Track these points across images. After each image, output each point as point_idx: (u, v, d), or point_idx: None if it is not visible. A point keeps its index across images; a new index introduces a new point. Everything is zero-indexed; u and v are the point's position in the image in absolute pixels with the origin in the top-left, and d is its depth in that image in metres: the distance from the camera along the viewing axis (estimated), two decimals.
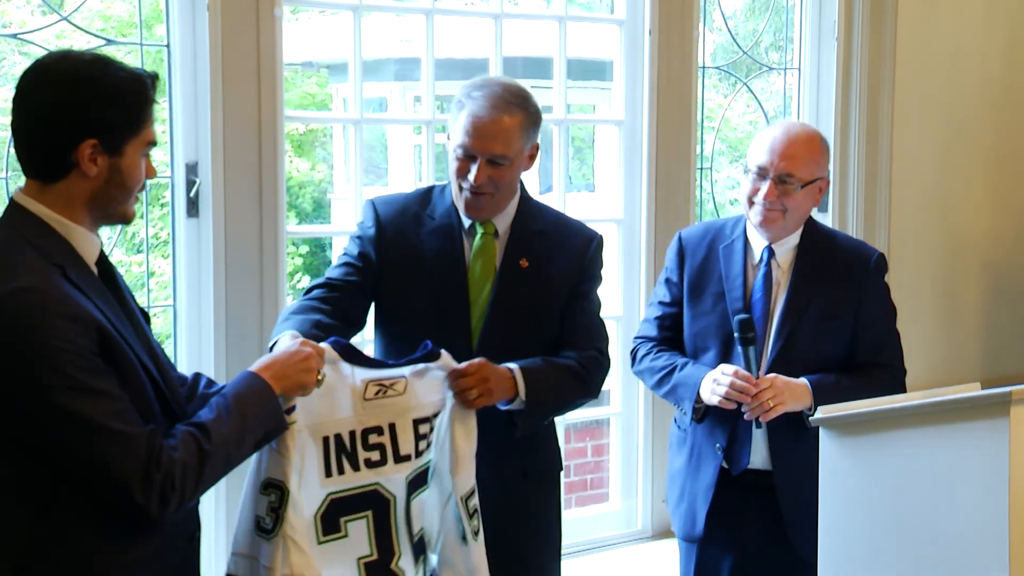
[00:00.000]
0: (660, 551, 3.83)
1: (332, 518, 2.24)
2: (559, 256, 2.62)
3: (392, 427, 2.28)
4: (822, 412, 2.51)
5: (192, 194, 3.06)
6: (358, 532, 2.26)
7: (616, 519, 3.92)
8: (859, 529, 2.41)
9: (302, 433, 2.19)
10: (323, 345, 2.22)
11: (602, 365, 2.66)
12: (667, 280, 2.99)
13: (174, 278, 3.14)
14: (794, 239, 2.88)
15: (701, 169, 4.02)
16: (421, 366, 2.32)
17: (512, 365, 2.46)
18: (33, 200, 1.92)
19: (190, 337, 3.11)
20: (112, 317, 1.95)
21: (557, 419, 2.83)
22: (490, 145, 2.48)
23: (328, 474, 2.23)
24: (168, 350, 3.14)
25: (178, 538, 2.08)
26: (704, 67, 3.97)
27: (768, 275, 2.86)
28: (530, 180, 2.74)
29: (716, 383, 2.73)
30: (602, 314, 2.72)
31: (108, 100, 1.90)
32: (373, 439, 2.27)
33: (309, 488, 2.21)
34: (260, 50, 3.08)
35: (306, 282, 10.02)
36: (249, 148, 3.09)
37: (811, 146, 2.83)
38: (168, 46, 3.05)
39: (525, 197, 2.66)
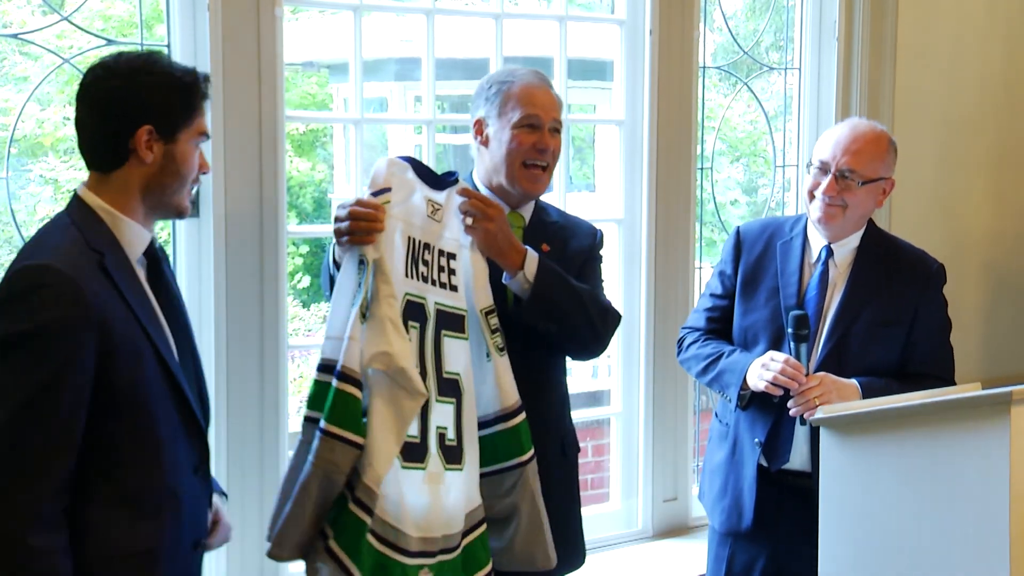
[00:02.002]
0: (661, 551, 3.83)
1: (404, 319, 2.33)
2: (572, 243, 2.74)
3: (435, 250, 2.42)
4: (822, 412, 2.51)
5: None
6: (413, 340, 2.36)
7: (617, 519, 3.92)
8: (859, 529, 2.41)
9: (397, 223, 2.34)
10: (402, 160, 2.40)
11: (611, 310, 2.72)
12: (721, 272, 3.00)
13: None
14: (854, 240, 2.87)
15: (701, 169, 4.02)
16: (450, 189, 2.45)
17: (532, 251, 2.54)
18: (91, 193, 2.04)
19: None
20: (139, 312, 2.01)
21: None
22: (551, 111, 2.63)
23: (407, 274, 2.36)
24: None
25: (182, 544, 2.09)
26: (704, 67, 3.97)
27: (824, 274, 2.85)
28: None
29: (764, 368, 2.73)
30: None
31: (162, 88, 2.03)
32: (426, 255, 2.40)
33: (397, 284, 2.32)
34: (260, 50, 3.08)
35: (307, 282, 10.03)
36: (250, 148, 3.09)
37: (876, 144, 2.82)
38: (168, 46, 3.05)
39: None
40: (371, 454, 2.24)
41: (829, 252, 2.86)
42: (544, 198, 2.84)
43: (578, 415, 4.34)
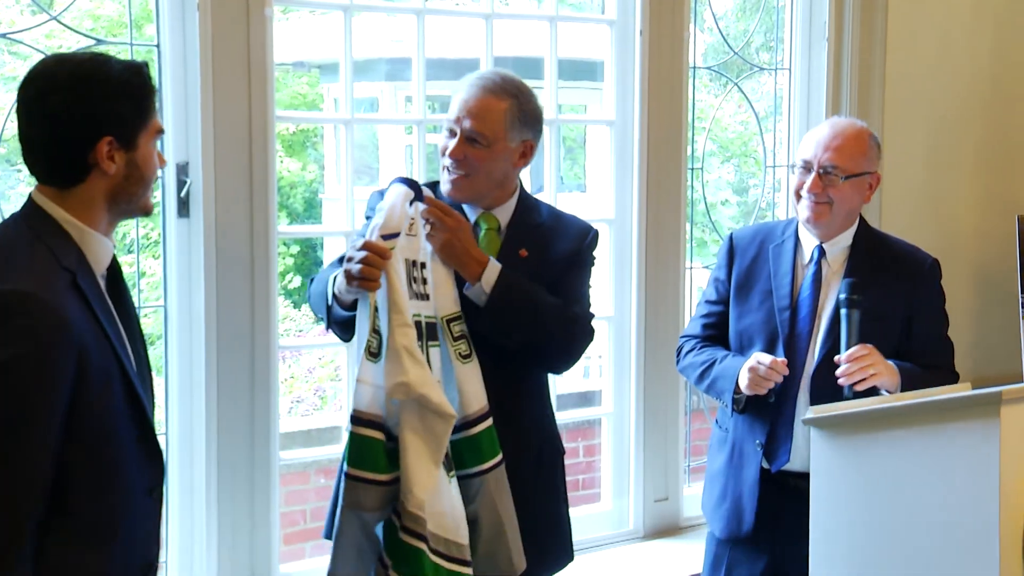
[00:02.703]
0: (652, 551, 3.83)
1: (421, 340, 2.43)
2: (557, 246, 2.68)
3: (414, 263, 2.46)
4: (813, 412, 2.51)
5: (183, 194, 3.05)
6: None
7: (608, 519, 3.92)
8: (850, 528, 2.41)
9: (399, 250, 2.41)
10: (404, 186, 2.45)
11: (582, 325, 2.66)
12: (716, 279, 3.01)
13: (165, 278, 3.12)
14: (846, 239, 2.88)
15: (692, 169, 4.02)
16: (416, 205, 2.47)
17: (495, 262, 2.53)
18: (51, 202, 1.94)
19: (181, 338, 3.09)
20: (109, 331, 1.94)
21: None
22: (473, 122, 2.55)
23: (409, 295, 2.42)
24: (159, 351, 3.14)
25: (130, 569, 2.03)
26: (695, 67, 3.97)
27: (818, 274, 2.85)
28: (521, 179, 2.75)
29: (751, 371, 2.73)
30: (594, 312, 2.74)
31: (115, 96, 1.93)
32: (413, 272, 2.44)
33: (406, 307, 2.38)
34: (250, 50, 3.07)
35: (297, 282, 10.01)
36: (240, 148, 3.08)
37: (856, 139, 2.84)
38: (158, 46, 3.04)
39: (524, 194, 2.72)
40: (410, 481, 2.30)
41: (822, 252, 2.86)
42: (539, 197, 2.84)
43: (569, 415, 4.36)
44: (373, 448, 2.34)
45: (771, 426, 2.82)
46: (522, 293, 2.53)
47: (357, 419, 2.34)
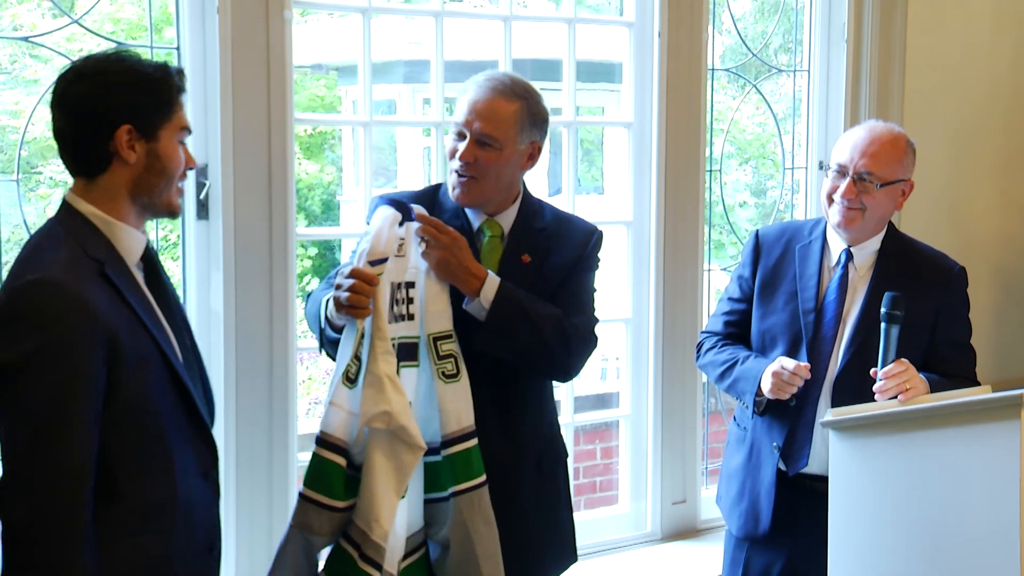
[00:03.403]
0: (669, 553, 3.83)
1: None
2: (560, 250, 2.64)
3: (400, 285, 2.42)
4: (832, 414, 2.51)
5: (202, 196, 3.06)
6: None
7: (625, 521, 3.92)
8: (868, 530, 2.41)
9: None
10: (389, 207, 2.42)
11: (582, 335, 2.60)
12: (739, 276, 2.99)
13: (184, 280, 3.14)
14: (874, 243, 2.85)
15: (710, 171, 4.02)
16: (407, 225, 2.44)
17: (493, 276, 2.49)
18: (80, 199, 2.01)
19: (199, 339, 3.08)
20: (144, 317, 1.99)
21: (563, 419, 2.82)
22: (482, 125, 2.51)
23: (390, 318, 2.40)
24: None
25: (193, 549, 2.09)
26: (713, 69, 3.96)
27: (844, 278, 2.83)
28: (539, 182, 2.75)
29: (775, 375, 2.71)
30: (598, 317, 2.70)
31: (135, 85, 2.00)
32: (397, 294, 2.41)
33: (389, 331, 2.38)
34: (270, 52, 3.08)
35: (315, 284, 10.04)
36: (259, 150, 3.09)
37: (894, 146, 2.80)
38: (178, 49, 3.05)
39: (527, 198, 2.67)
40: (376, 509, 2.27)
41: (849, 256, 2.84)
42: (553, 201, 2.83)
43: (586, 418, 4.35)
44: (333, 473, 2.30)
45: (790, 429, 2.81)
46: (521, 306, 2.48)
47: (323, 441, 2.30)
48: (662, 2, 3.72)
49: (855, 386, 2.69)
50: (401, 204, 2.44)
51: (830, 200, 2.82)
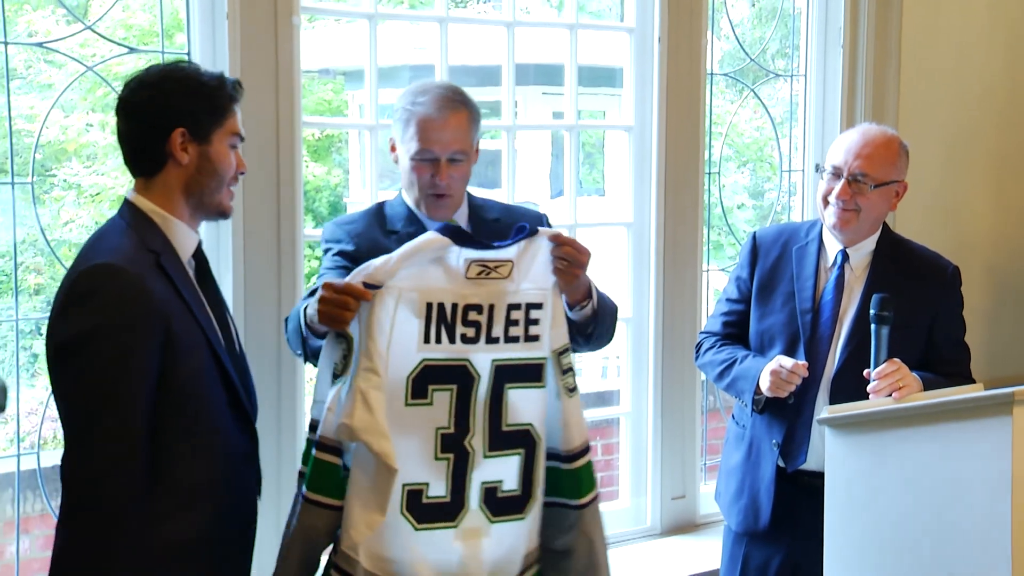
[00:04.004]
0: (669, 547, 3.83)
1: (422, 383, 2.26)
2: None
3: (491, 308, 2.29)
4: (828, 411, 2.51)
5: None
6: (441, 403, 2.28)
7: (626, 516, 3.92)
8: (864, 524, 2.41)
9: (407, 294, 2.23)
10: (431, 231, 2.26)
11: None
12: (737, 277, 3.00)
13: None
14: (870, 244, 2.85)
15: (709, 174, 4.02)
16: (524, 243, 2.31)
17: (585, 275, 2.45)
18: (140, 196, 2.13)
19: None
20: (196, 311, 2.09)
21: None
22: (449, 144, 2.52)
23: (427, 340, 2.25)
24: None
25: (231, 530, 2.17)
26: (712, 74, 3.96)
27: (840, 278, 2.83)
28: (541, 184, 2.75)
29: (774, 374, 2.71)
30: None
31: (191, 91, 2.12)
32: (472, 316, 2.28)
33: (404, 350, 2.24)
34: (278, 58, 3.08)
35: None
36: (267, 153, 3.10)
37: (887, 148, 2.81)
38: (188, 54, 3.06)
39: (469, 194, 2.70)
40: (347, 520, 2.24)
41: (845, 256, 2.84)
42: (555, 203, 2.83)
43: (588, 414, 4.33)
44: (333, 474, 2.26)
45: (789, 427, 2.81)
46: (609, 301, 2.55)
47: (322, 445, 2.25)
48: (662, 8, 3.72)
49: (853, 384, 2.69)
50: (458, 230, 2.31)
51: (825, 202, 2.82)
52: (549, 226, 2.68)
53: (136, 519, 1.95)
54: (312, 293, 2.44)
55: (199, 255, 2.22)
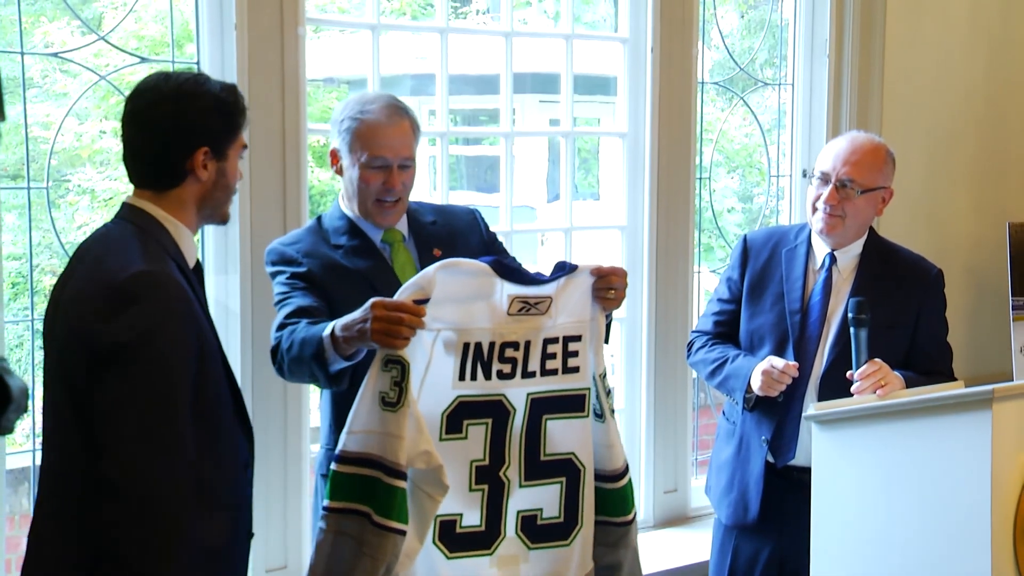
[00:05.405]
0: (661, 539, 3.83)
1: (457, 419, 2.22)
2: (461, 236, 2.66)
3: (527, 344, 2.26)
4: (815, 408, 2.51)
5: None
6: (476, 436, 2.24)
7: None
8: (849, 518, 2.41)
9: (444, 333, 2.18)
10: (480, 262, 2.21)
11: None
12: (728, 279, 2.99)
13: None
14: (856, 247, 2.86)
15: (700, 179, 4.02)
16: (564, 279, 2.28)
17: None
18: (149, 203, 2.04)
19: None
20: (208, 317, 2.07)
21: None
22: (400, 150, 2.53)
23: (462, 378, 2.22)
24: None
25: (242, 536, 2.14)
26: (703, 82, 3.96)
27: (828, 280, 2.84)
28: (538, 189, 2.75)
29: (765, 374, 2.71)
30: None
31: (213, 111, 2.04)
32: (509, 353, 2.25)
33: (439, 387, 2.19)
34: (284, 67, 3.08)
35: None
36: (274, 159, 3.09)
37: (874, 155, 2.81)
38: (198, 64, 3.05)
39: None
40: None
41: (832, 259, 2.85)
42: (551, 207, 2.83)
43: None
44: (404, 500, 2.14)
45: (778, 423, 2.81)
46: None
47: (395, 472, 2.12)
48: (655, 19, 3.72)
49: (840, 383, 2.69)
50: (506, 266, 2.24)
51: (814, 208, 2.83)
52: (482, 220, 2.72)
53: (191, 523, 1.90)
54: (287, 320, 2.36)
55: (198, 264, 2.17)
